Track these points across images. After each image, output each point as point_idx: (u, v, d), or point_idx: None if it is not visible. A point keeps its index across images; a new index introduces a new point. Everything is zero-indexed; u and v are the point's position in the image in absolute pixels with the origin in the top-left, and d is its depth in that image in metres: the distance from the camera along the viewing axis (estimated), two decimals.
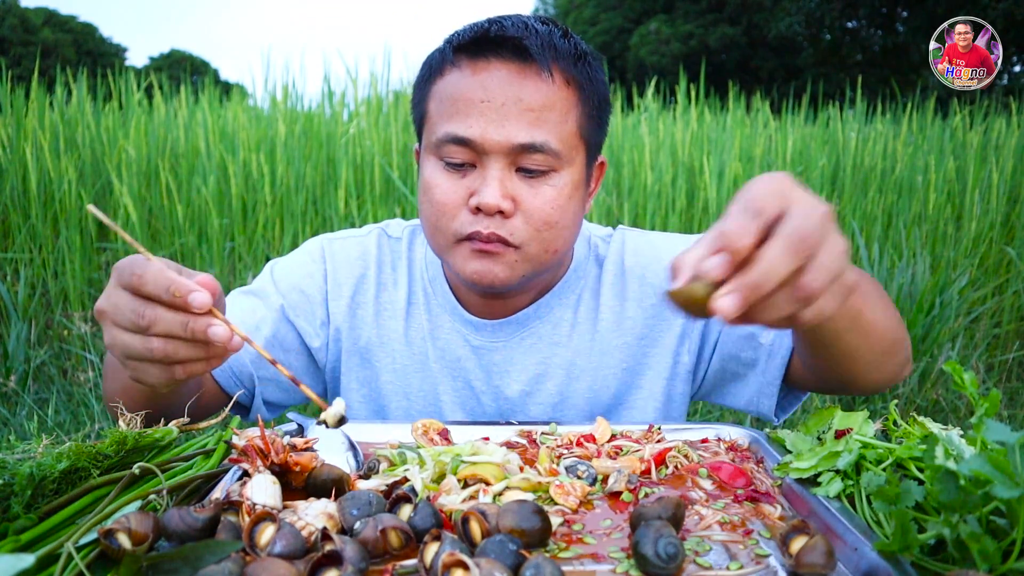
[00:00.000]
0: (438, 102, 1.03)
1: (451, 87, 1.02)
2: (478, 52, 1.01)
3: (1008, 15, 14.70)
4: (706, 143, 5.06)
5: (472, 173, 1.02)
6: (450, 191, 1.02)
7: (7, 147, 4.34)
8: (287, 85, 5.52)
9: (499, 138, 0.98)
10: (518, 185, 1.01)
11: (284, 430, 0.95)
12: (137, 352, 0.75)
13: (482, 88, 0.99)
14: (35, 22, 31.88)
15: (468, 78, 1.00)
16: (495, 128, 0.98)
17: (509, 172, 1.01)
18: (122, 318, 0.74)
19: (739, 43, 22.41)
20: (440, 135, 1.01)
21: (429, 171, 1.05)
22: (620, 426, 0.99)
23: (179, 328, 0.73)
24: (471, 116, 0.99)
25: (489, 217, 1.00)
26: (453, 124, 1.00)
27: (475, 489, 0.75)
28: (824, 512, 0.72)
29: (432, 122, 1.04)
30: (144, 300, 0.73)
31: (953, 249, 4.39)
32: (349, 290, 1.20)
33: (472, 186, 1.01)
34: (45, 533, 0.66)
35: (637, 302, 1.19)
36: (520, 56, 0.99)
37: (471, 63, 1.01)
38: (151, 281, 0.72)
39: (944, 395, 3.45)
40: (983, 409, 0.68)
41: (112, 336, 0.76)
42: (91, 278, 4.18)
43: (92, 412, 3.15)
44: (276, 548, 0.61)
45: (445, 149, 1.02)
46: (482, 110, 0.99)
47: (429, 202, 1.05)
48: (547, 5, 30.00)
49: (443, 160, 1.03)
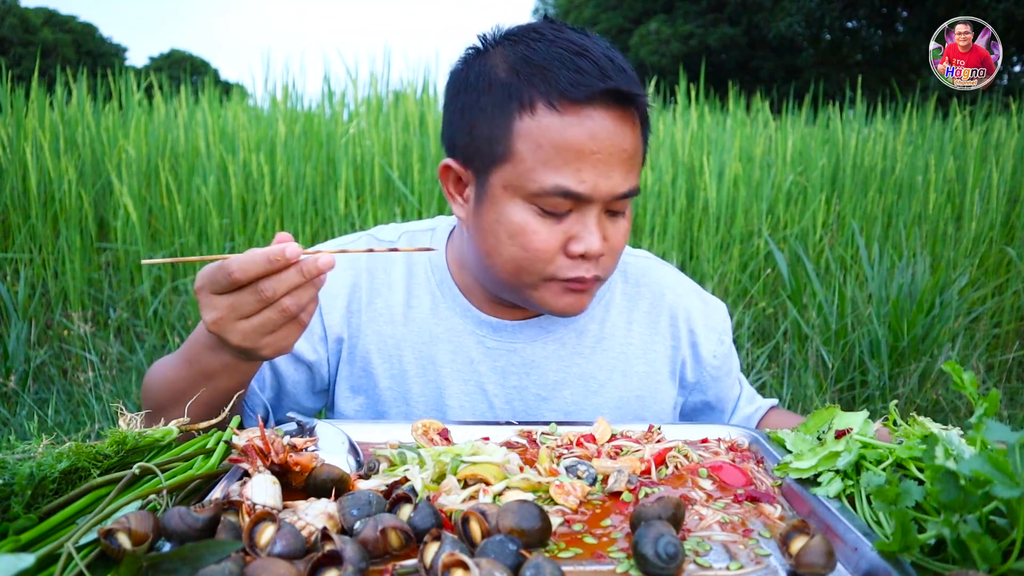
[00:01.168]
0: (535, 146, 0.98)
1: (555, 134, 0.97)
2: (583, 99, 0.97)
3: (1008, 15, 14.70)
4: (706, 143, 5.06)
5: (568, 219, 1.02)
6: (550, 239, 1.01)
7: (7, 147, 4.34)
8: (287, 85, 5.52)
9: (606, 189, 0.99)
10: (607, 226, 1.04)
11: (284, 430, 0.95)
12: (274, 321, 0.84)
13: (591, 139, 0.97)
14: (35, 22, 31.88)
15: (575, 127, 0.97)
16: (603, 180, 0.99)
17: (602, 216, 1.03)
18: (245, 308, 0.83)
19: (739, 43, 22.41)
20: (548, 187, 0.98)
21: (520, 215, 1.01)
22: (620, 426, 0.99)
23: (297, 277, 0.83)
24: (583, 170, 0.98)
25: (588, 261, 1.03)
26: (562, 176, 0.98)
27: (475, 489, 0.75)
28: (824, 512, 0.72)
29: (528, 167, 0.99)
30: (252, 285, 0.83)
31: (953, 249, 4.39)
32: (343, 300, 1.19)
33: (569, 231, 1.01)
34: (45, 533, 0.66)
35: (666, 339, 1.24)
36: (620, 103, 0.99)
37: (575, 109, 0.97)
38: (247, 268, 0.82)
39: (944, 395, 3.45)
40: (983, 409, 0.68)
41: (242, 331, 0.85)
42: (91, 278, 4.18)
43: (92, 412, 3.15)
44: (276, 548, 0.61)
45: (549, 200, 0.99)
46: (592, 162, 0.98)
47: (523, 247, 1.02)
48: (547, 5, 29.99)
49: (541, 207, 1.00)
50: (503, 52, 1.03)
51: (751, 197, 4.56)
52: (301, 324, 0.88)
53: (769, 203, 4.60)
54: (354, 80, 5.21)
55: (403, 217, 4.22)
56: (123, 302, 4.02)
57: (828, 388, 3.48)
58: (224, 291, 0.83)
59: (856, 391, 3.55)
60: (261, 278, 0.82)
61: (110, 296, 4.12)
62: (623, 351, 1.22)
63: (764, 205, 4.51)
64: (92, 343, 3.63)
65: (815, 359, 3.65)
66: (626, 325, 1.23)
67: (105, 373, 3.42)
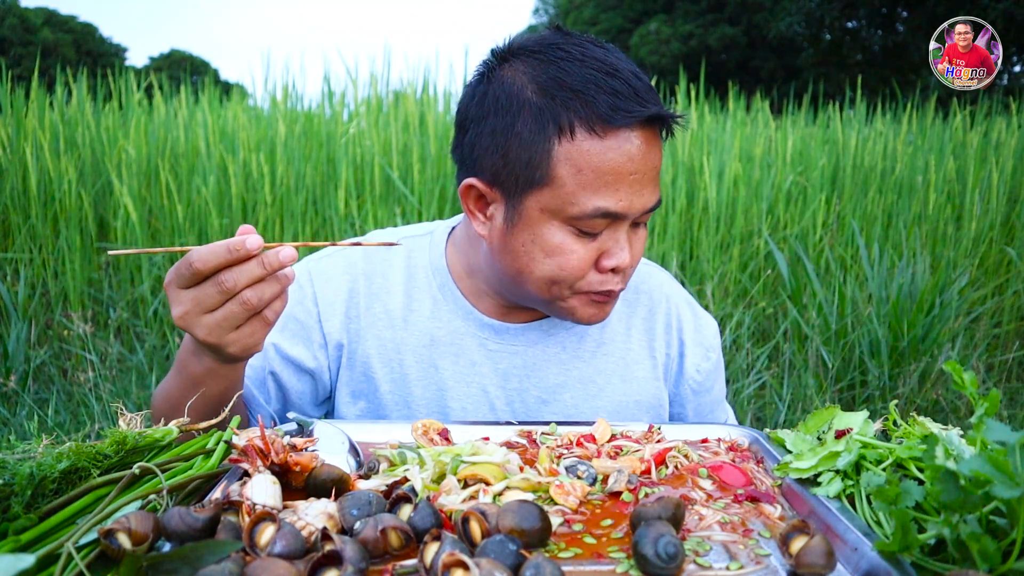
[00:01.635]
0: (575, 171, 0.98)
1: (595, 158, 0.98)
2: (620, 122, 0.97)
3: (1008, 15, 14.70)
4: (706, 143, 5.05)
5: (602, 235, 1.03)
6: (586, 257, 1.03)
7: (7, 147, 4.34)
8: (287, 85, 5.52)
9: (640, 206, 1.01)
10: (632, 239, 1.06)
11: (284, 429, 0.95)
12: (236, 315, 0.85)
13: (629, 161, 0.98)
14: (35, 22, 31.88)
15: (614, 151, 0.98)
16: (638, 198, 1.01)
17: (629, 228, 1.05)
18: (207, 301, 0.84)
19: (739, 43, 22.41)
20: (588, 210, 0.99)
21: (559, 237, 1.02)
22: (620, 426, 0.99)
23: (258, 269, 0.84)
24: (620, 191, 0.99)
25: (617, 275, 1.05)
26: (601, 199, 0.99)
27: (475, 489, 0.75)
28: (824, 512, 0.72)
29: (567, 191, 0.99)
30: (214, 276, 0.84)
31: (953, 249, 4.39)
32: (342, 307, 1.18)
33: (601, 247, 1.03)
34: (45, 533, 0.66)
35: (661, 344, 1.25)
36: (651, 124, 1.00)
37: (613, 132, 0.98)
38: (207, 258, 0.83)
39: (944, 395, 3.45)
40: (983, 409, 0.68)
41: (207, 325, 0.86)
42: (91, 278, 4.18)
43: (92, 412, 3.15)
44: (276, 548, 0.61)
45: (589, 223, 1.00)
46: (630, 183, 0.99)
47: (559, 267, 1.03)
48: (547, 5, 29.98)
49: (579, 228, 1.02)
50: (527, 70, 1.01)
51: (751, 197, 4.56)
52: (266, 321, 0.88)
53: (769, 203, 4.60)
54: (354, 80, 5.21)
55: (403, 217, 4.22)
56: (123, 302, 4.02)
57: (828, 388, 3.48)
58: (188, 284, 0.84)
59: (856, 391, 3.55)
60: (222, 269, 0.83)
61: (110, 296, 4.12)
62: (623, 356, 1.22)
63: (764, 205, 4.51)
64: (92, 343, 3.63)
65: (815, 359, 3.65)
66: (625, 331, 1.24)
67: (105, 373, 3.42)
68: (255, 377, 1.18)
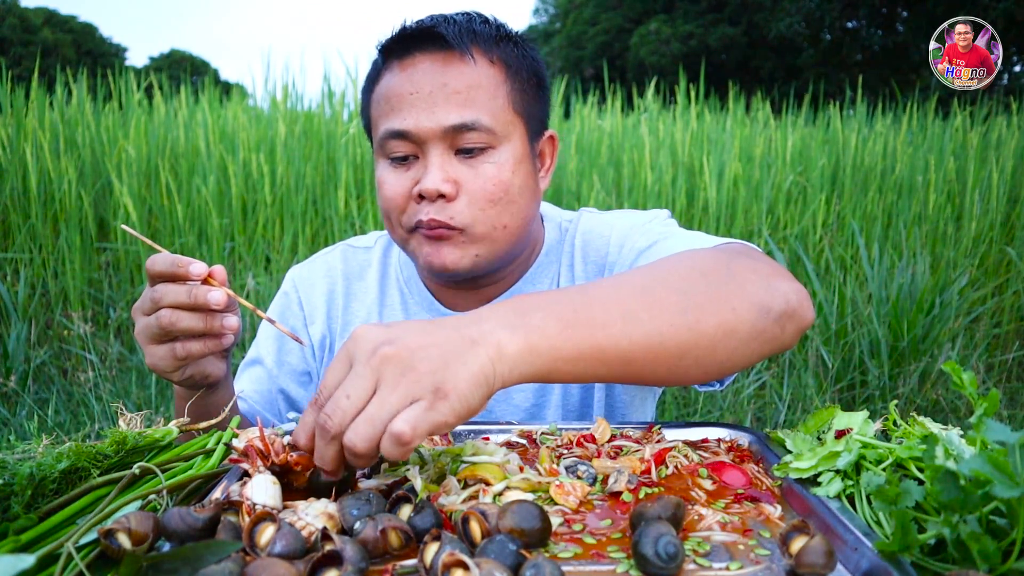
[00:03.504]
0: (376, 105, 1.08)
1: (384, 88, 1.07)
2: (403, 51, 1.06)
3: (1008, 15, 14.70)
4: (706, 143, 5.06)
5: (416, 164, 1.06)
6: (396, 184, 1.06)
7: (7, 147, 4.34)
8: (287, 85, 5.52)
9: (431, 124, 1.02)
10: (459, 168, 1.04)
11: (285, 429, 0.95)
12: (150, 328, 0.88)
13: (410, 82, 1.04)
14: (35, 22, 31.87)
15: (398, 76, 1.05)
16: (426, 116, 1.02)
17: (449, 156, 1.04)
18: (143, 303, 0.89)
19: (739, 43, 22.40)
20: (381, 134, 1.06)
21: (379, 171, 1.09)
22: (620, 426, 0.99)
23: (184, 295, 0.86)
24: (403, 109, 1.04)
25: (432, 203, 1.04)
26: (390, 120, 1.05)
27: (475, 489, 0.75)
28: (824, 512, 0.72)
29: (375, 125, 1.09)
30: (157, 281, 0.88)
31: (953, 249, 4.39)
32: (323, 309, 1.25)
33: (416, 176, 1.05)
34: (45, 533, 0.66)
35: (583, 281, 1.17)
36: (440, 45, 1.04)
37: (399, 62, 1.06)
38: (159, 261, 0.87)
39: (944, 395, 3.45)
40: (983, 409, 0.67)
41: (137, 327, 0.90)
42: (91, 278, 4.18)
43: (92, 412, 3.15)
44: (276, 548, 0.61)
45: (387, 146, 1.06)
46: (412, 102, 1.03)
47: (382, 200, 1.09)
48: (547, 5, 29.98)
49: (388, 157, 1.07)
50: None
51: (751, 197, 4.56)
52: (175, 354, 0.90)
53: (769, 203, 4.60)
54: (354, 80, 5.21)
55: None
56: (123, 302, 4.02)
57: (828, 388, 3.48)
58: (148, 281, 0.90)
59: (856, 391, 3.55)
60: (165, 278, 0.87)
61: (110, 296, 4.12)
62: None
63: (764, 205, 4.51)
64: (92, 343, 3.63)
65: (815, 359, 3.65)
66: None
67: (105, 373, 3.42)
68: (264, 401, 1.23)
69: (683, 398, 3.44)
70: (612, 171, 4.75)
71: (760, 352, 0.82)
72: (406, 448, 0.63)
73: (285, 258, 4.15)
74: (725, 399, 3.36)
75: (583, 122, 5.45)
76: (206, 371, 0.95)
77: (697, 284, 0.79)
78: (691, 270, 0.81)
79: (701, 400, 3.36)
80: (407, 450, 0.64)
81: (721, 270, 0.82)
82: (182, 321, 0.87)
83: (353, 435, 0.63)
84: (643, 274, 0.80)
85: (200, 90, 5.46)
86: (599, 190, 4.37)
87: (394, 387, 0.64)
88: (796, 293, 0.84)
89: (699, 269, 0.81)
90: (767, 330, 0.81)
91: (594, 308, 0.73)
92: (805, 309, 0.84)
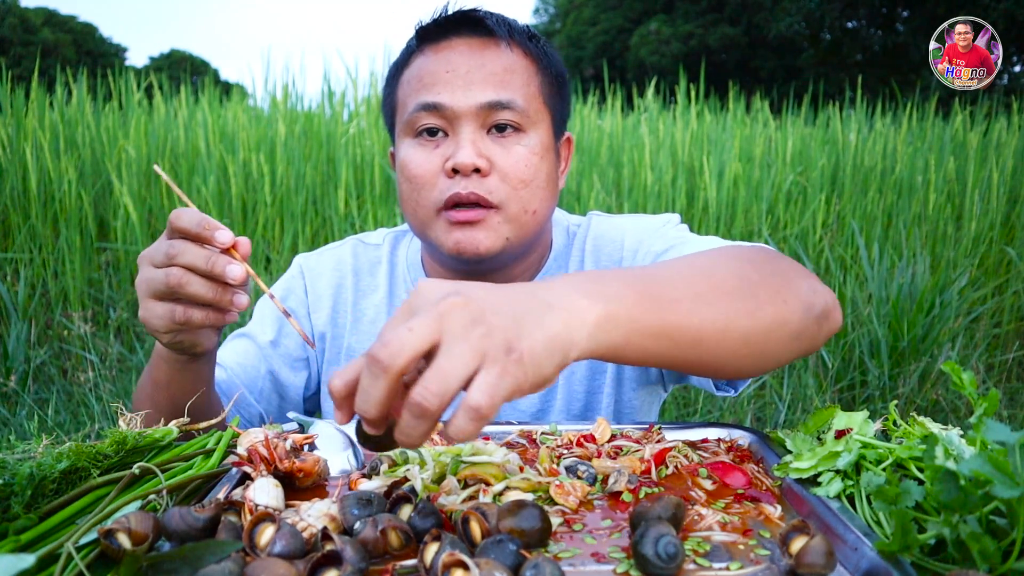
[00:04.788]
0: (406, 85, 1.08)
1: (416, 69, 1.07)
2: (439, 35, 1.06)
3: (1008, 15, 14.70)
4: (706, 143, 5.06)
5: (445, 141, 1.05)
6: (425, 162, 1.05)
7: (7, 147, 4.34)
8: (287, 85, 5.52)
9: (467, 100, 1.02)
10: (490, 146, 1.04)
11: (286, 430, 0.95)
12: (156, 282, 0.82)
13: (446, 61, 1.04)
14: (35, 22, 31.87)
15: (432, 57, 1.06)
16: (462, 92, 1.03)
17: (481, 134, 1.04)
18: (156, 253, 0.83)
19: (739, 43, 22.40)
20: (411, 108, 1.05)
21: (404, 150, 1.08)
22: (620, 426, 0.99)
23: (201, 260, 0.81)
24: (437, 84, 1.04)
25: (466, 177, 1.02)
26: (421, 95, 1.05)
27: (475, 489, 0.75)
28: (824, 512, 0.72)
29: (403, 105, 1.08)
30: (178, 236, 0.83)
31: (953, 249, 4.39)
32: (329, 301, 1.24)
33: (446, 153, 1.04)
34: (45, 533, 0.66)
35: None
36: (478, 31, 1.05)
37: (433, 46, 1.06)
38: (186, 216, 0.82)
39: (944, 395, 3.45)
40: (983, 409, 0.67)
41: (141, 275, 0.85)
42: (91, 278, 4.18)
43: (92, 412, 3.15)
44: (276, 548, 0.61)
45: (417, 121, 1.05)
46: (448, 79, 1.03)
47: (407, 179, 1.07)
48: (547, 5, 29.98)
49: (416, 133, 1.06)
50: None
51: (751, 197, 4.56)
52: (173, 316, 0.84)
53: (769, 203, 4.60)
54: (354, 80, 5.22)
55: (403, 217, 4.22)
56: (123, 302, 4.02)
57: (828, 388, 3.48)
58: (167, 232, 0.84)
59: (856, 391, 3.55)
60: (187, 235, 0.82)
61: (110, 296, 4.12)
62: None
63: (764, 205, 4.51)
64: (92, 343, 3.63)
65: (815, 359, 3.65)
66: None
67: (105, 373, 3.42)
68: (246, 376, 1.19)
69: (683, 398, 3.43)
70: (612, 171, 4.75)
71: (799, 350, 0.82)
72: (482, 423, 0.54)
73: (285, 258, 4.15)
74: (725, 399, 3.36)
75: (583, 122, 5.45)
76: (197, 340, 0.90)
77: (751, 274, 0.78)
78: (742, 260, 0.80)
79: (701, 400, 3.36)
80: (481, 426, 0.55)
81: (768, 264, 0.82)
82: (192, 285, 0.82)
83: (423, 391, 0.53)
84: (700, 258, 0.79)
85: (200, 90, 5.47)
86: (599, 190, 4.37)
87: (463, 337, 0.54)
88: (831, 296, 0.85)
89: (748, 260, 0.81)
90: (809, 328, 0.81)
91: (664, 285, 0.70)
92: (838, 313, 0.85)
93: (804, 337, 0.81)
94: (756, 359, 0.78)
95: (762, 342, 0.76)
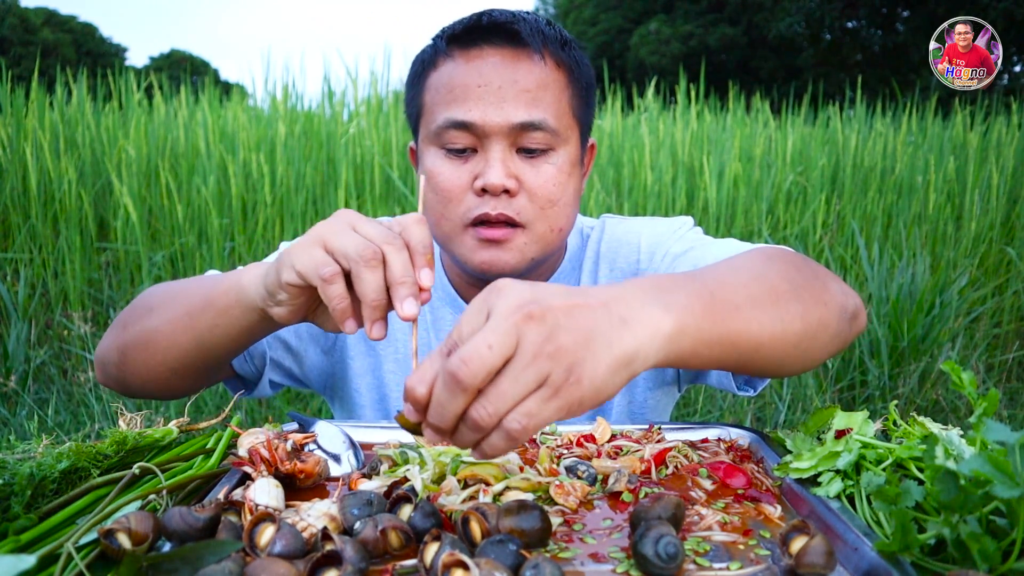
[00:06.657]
0: (434, 92, 1.05)
1: (446, 76, 1.04)
2: (471, 41, 1.03)
3: (1008, 15, 14.69)
4: (706, 143, 5.06)
5: (474, 158, 1.04)
6: (454, 177, 1.04)
7: (7, 147, 4.34)
8: (287, 85, 5.52)
9: (499, 119, 1.01)
10: (520, 165, 1.03)
11: (286, 429, 0.95)
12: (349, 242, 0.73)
13: (478, 74, 1.02)
14: (35, 22, 31.86)
15: (463, 66, 1.03)
16: (494, 110, 1.01)
17: (511, 153, 1.03)
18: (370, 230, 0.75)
19: (739, 43, 22.40)
20: (440, 122, 1.03)
21: (431, 160, 1.06)
22: (620, 426, 0.99)
23: (399, 268, 0.72)
24: (469, 100, 1.01)
25: (495, 198, 1.02)
26: (452, 110, 1.02)
27: (475, 489, 0.75)
28: (824, 512, 0.72)
29: (429, 112, 1.06)
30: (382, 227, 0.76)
31: (953, 249, 4.39)
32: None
33: (475, 170, 1.03)
34: (45, 533, 0.66)
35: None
36: (512, 41, 1.02)
37: (464, 52, 1.03)
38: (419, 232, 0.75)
39: (944, 395, 3.45)
40: (983, 409, 0.67)
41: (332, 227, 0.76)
42: (91, 278, 4.18)
43: (92, 412, 3.15)
44: (276, 548, 0.61)
45: (446, 136, 1.03)
46: (480, 94, 1.01)
47: (434, 190, 1.05)
48: (547, 5, 29.98)
49: (444, 148, 1.04)
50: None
51: (751, 197, 4.56)
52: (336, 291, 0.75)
53: (769, 203, 4.60)
54: (354, 80, 5.22)
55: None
56: (123, 302, 4.02)
57: (828, 388, 3.48)
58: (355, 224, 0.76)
59: (856, 391, 3.55)
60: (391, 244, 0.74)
61: (110, 296, 4.12)
62: None
63: (764, 205, 4.51)
64: (92, 343, 3.63)
65: None
66: None
67: None
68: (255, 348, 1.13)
69: (683, 398, 3.43)
70: (612, 171, 4.75)
71: (835, 350, 0.84)
72: (516, 445, 0.57)
73: None
74: (725, 399, 3.36)
75: None
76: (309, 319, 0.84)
77: (794, 277, 0.79)
78: (783, 264, 0.81)
79: (701, 400, 3.36)
80: (515, 446, 0.58)
81: (805, 267, 0.83)
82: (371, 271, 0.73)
83: (482, 411, 0.56)
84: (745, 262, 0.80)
85: (200, 90, 5.46)
86: (599, 190, 4.37)
87: (531, 362, 0.56)
88: (858, 297, 0.87)
89: (788, 263, 0.82)
90: (844, 329, 0.83)
91: (725, 291, 0.70)
92: (864, 313, 0.88)
93: (840, 337, 0.83)
94: (803, 360, 0.80)
95: (809, 344, 0.78)
